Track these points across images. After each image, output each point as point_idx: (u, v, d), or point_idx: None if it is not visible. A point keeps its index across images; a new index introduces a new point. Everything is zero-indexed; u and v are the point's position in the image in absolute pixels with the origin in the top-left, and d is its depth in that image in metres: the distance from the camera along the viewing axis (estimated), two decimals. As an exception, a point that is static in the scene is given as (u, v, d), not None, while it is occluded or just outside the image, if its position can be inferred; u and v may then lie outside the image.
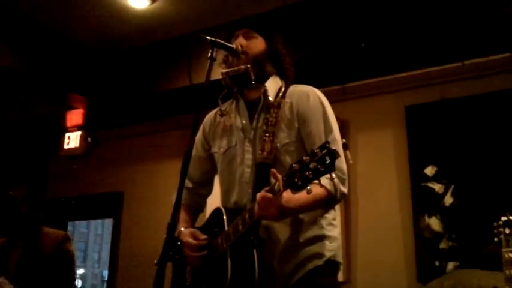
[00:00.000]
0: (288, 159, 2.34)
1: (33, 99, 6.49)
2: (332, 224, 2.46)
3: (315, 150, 1.87)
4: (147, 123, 6.67)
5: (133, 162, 6.86)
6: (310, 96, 2.47)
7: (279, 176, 1.97)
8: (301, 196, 2.03)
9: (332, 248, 2.40)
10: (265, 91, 2.50)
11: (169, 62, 5.76)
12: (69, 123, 6.83)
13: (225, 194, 2.61)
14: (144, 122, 6.67)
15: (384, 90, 5.30)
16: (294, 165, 1.91)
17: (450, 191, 4.82)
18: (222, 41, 2.42)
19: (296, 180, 1.88)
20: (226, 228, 2.35)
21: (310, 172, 1.85)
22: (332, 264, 2.41)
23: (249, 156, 2.49)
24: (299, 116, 2.43)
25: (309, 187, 1.87)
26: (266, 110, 2.48)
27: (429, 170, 4.95)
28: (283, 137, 2.40)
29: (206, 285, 2.41)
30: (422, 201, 4.92)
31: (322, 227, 2.41)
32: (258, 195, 2.05)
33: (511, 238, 3.36)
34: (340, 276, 2.64)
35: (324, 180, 2.05)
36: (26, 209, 4.04)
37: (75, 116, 6.78)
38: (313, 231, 2.39)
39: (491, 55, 4.81)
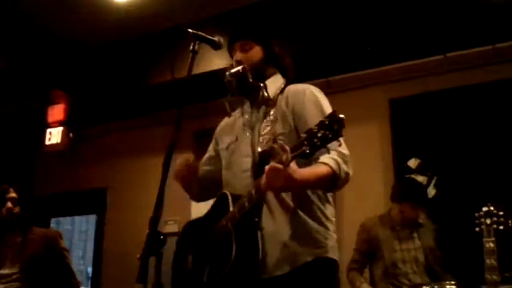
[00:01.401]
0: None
1: (14, 95, 6.42)
2: (329, 219, 2.47)
3: (323, 119, 1.93)
4: (130, 118, 6.63)
5: (116, 158, 6.84)
6: (306, 92, 2.53)
7: (287, 148, 2.02)
8: (307, 169, 2.14)
9: (325, 244, 2.40)
10: (264, 87, 2.58)
11: (153, 57, 5.73)
12: (50, 119, 6.75)
13: (226, 187, 2.66)
14: (127, 118, 6.63)
15: (368, 83, 5.32)
16: (302, 135, 1.98)
17: (433, 182, 4.86)
18: (204, 34, 2.41)
19: (304, 148, 1.94)
20: (231, 209, 2.40)
21: (317, 140, 1.91)
22: (324, 262, 2.40)
23: (247, 148, 2.56)
24: (294, 112, 2.49)
25: (318, 154, 1.97)
26: (265, 104, 2.57)
27: (412, 162, 4.98)
28: (278, 127, 2.46)
29: (209, 268, 2.44)
30: (406, 192, 4.93)
31: (320, 222, 2.42)
32: (267, 167, 2.08)
33: (491, 228, 3.39)
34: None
35: (327, 158, 2.16)
36: (17, 211, 4.04)
37: (56, 112, 6.71)
38: (309, 224, 2.40)
39: (473, 48, 4.84)
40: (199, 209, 6.28)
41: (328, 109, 2.46)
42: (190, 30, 2.37)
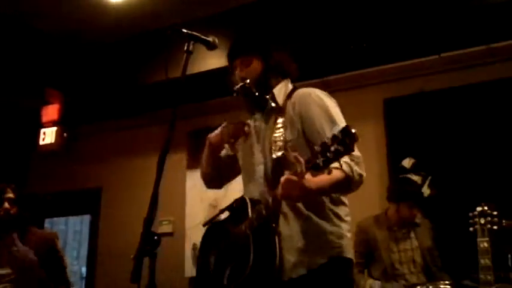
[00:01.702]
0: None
1: (8, 94, 6.39)
2: (344, 219, 2.52)
3: (336, 134, 1.99)
4: (125, 118, 6.62)
5: (111, 158, 6.83)
6: (312, 95, 2.57)
7: (301, 159, 2.09)
8: (321, 178, 2.19)
9: (339, 244, 2.44)
10: (272, 96, 2.63)
11: (147, 56, 5.72)
12: (44, 119, 6.72)
13: (244, 190, 2.77)
14: (121, 117, 6.61)
15: (363, 83, 5.33)
16: (316, 148, 2.06)
17: (427, 182, 4.87)
18: (198, 34, 2.41)
19: (318, 161, 2.03)
20: (250, 215, 2.48)
21: (330, 153, 1.99)
22: (339, 262, 2.44)
23: (259, 155, 2.64)
24: (302, 116, 2.53)
25: (330, 168, 2.04)
26: (275, 112, 2.62)
27: (407, 162, 4.98)
28: (288, 134, 2.51)
29: (229, 271, 2.52)
30: (401, 192, 4.94)
31: (332, 223, 2.47)
32: (282, 178, 2.17)
33: (486, 228, 3.40)
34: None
35: (338, 164, 2.19)
36: (14, 211, 4.02)
37: (50, 111, 6.69)
38: (322, 226, 2.44)
39: (468, 48, 4.84)
40: (194, 209, 6.35)
41: (334, 112, 2.51)
42: (184, 30, 2.37)
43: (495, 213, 3.43)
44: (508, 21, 4.50)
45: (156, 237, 1.99)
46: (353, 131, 1.97)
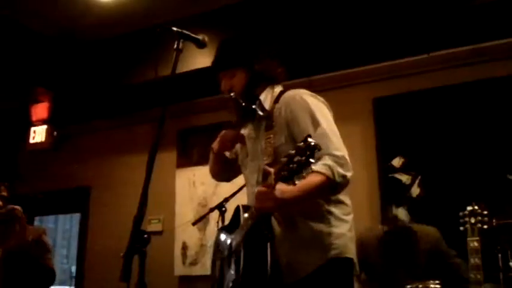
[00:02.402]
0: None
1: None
2: (341, 218, 2.49)
3: (299, 144, 2.01)
4: (114, 117, 6.61)
5: (100, 156, 6.80)
6: (298, 98, 2.57)
7: (271, 170, 2.14)
8: (297, 186, 2.15)
9: (337, 245, 2.43)
10: (259, 103, 2.65)
11: (137, 55, 5.70)
12: (34, 117, 6.72)
13: (246, 196, 2.83)
14: (111, 116, 6.61)
15: (352, 83, 5.33)
16: (282, 159, 2.08)
17: (417, 182, 4.88)
18: (188, 32, 2.41)
19: (283, 172, 2.05)
20: (241, 222, 2.54)
21: (294, 165, 2.00)
22: (337, 263, 2.43)
23: (253, 163, 2.70)
24: (288, 119, 2.54)
25: (296, 180, 2.03)
26: (264, 119, 2.62)
27: (396, 162, 5.00)
28: (277, 139, 2.52)
29: (228, 278, 2.57)
30: (389, 192, 4.97)
31: (328, 223, 2.46)
32: (256, 189, 2.22)
33: (476, 227, 3.41)
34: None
35: (320, 165, 2.22)
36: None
37: (40, 110, 6.68)
38: (317, 228, 2.44)
39: (456, 47, 4.86)
40: (184, 208, 6.34)
41: (318, 113, 2.50)
42: (174, 29, 2.37)
43: (485, 212, 3.44)
44: (496, 21, 4.53)
45: (145, 236, 1.99)
46: (313, 142, 1.97)
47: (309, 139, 1.98)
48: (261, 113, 2.62)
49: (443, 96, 4.92)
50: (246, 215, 2.49)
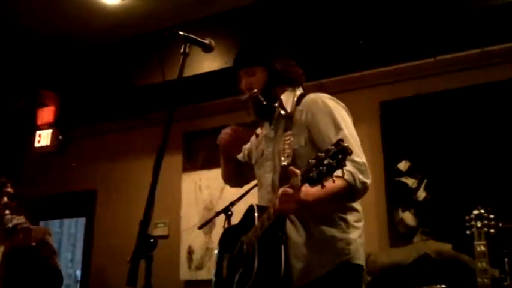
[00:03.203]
0: (299, 163, 2.39)
1: (3, 96, 6.37)
2: (353, 225, 2.50)
3: (330, 147, 2.00)
4: (120, 120, 6.61)
5: (106, 160, 6.80)
6: (319, 102, 2.57)
7: (298, 172, 2.10)
8: (319, 190, 2.13)
9: (348, 250, 2.43)
10: (280, 103, 2.65)
11: (143, 58, 5.71)
12: (40, 121, 6.75)
13: (258, 196, 2.81)
14: (117, 119, 6.61)
15: (359, 86, 5.32)
16: (310, 161, 2.04)
17: (423, 185, 4.87)
18: (195, 36, 2.40)
19: (312, 175, 2.02)
20: (256, 223, 2.50)
21: (324, 167, 1.98)
22: (347, 268, 2.43)
23: (268, 163, 2.68)
24: (309, 122, 2.54)
25: (325, 182, 2.02)
26: (284, 119, 2.63)
27: (402, 165, 4.98)
28: (295, 142, 2.51)
29: (238, 277, 2.56)
30: (396, 195, 4.96)
31: (341, 229, 2.46)
32: (279, 190, 2.18)
33: (482, 231, 3.40)
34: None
35: (340, 172, 2.17)
36: (14, 205, 4.06)
37: (46, 114, 6.70)
38: (330, 233, 2.44)
39: (463, 51, 4.85)
40: (190, 212, 6.33)
41: (340, 118, 2.51)
42: (181, 33, 2.36)
43: (492, 216, 3.43)
44: (503, 24, 4.52)
45: (152, 240, 1.98)
46: (345, 145, 1.98)
47: (341, 142, 1.99)
48: (283, 112, 2.63)
49: (450, 100, 4.91)
50: (261, 215, 2.46)
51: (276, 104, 2.66)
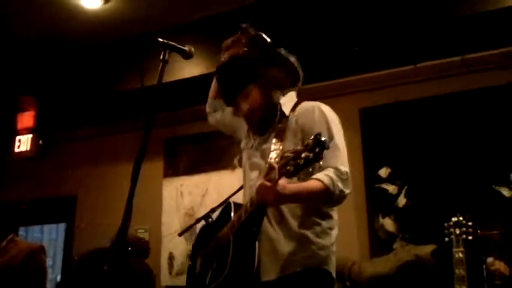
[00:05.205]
0: None
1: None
2: (326, 232, 2.50)
3: (308, 141, 2.02)
4: (101, 125, 6.57)
5: (86, 165, 6.76)
6: (316, 109, 2.61)
7: (275, 165, 2.11)
8: (297, 185, 2.23)
9: (319, 256, 2.44)
10: (280, 107, 2.68)
11: (123, 63, 5.68)
12: (20, 126, 6.68)
13: (243, 194, 2.82)
14: (97, 124, 6.57)
15: (339, 93, 5.33)
16: (288, 155, 2.08)
17: (403, 192, 4.89)
18: (174, 43, 2.40)
19: (289, 168, 2.04)
20: (232, 218, 2.53)
21: (301, 160, 2.01)
22: (316, 272, 2.43)
23: (256, 160, 2.68)
24: (304, 130, 2.55)
25: (302, 176, 2.08)
26: (279, 123, 2.65)
27: (383, 172, 5.01)
28: (288, 144, 2.51)
29: (211, 272, 2.58)
30: (376, 202, 4.98)
31: (314, 233, 2.46)
32: (258, 183, 2.21)
33: (461, 238, 3.43)
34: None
35: (321, 175, 2.26)
36: None
37: (26, 119, 6.64)
38: (304, 235, 2.44)
39: (442, 58, 4.89)
40: (171, 218, 6.30)
41: (334, 128, 2.56)
42: (160, 40, 2.36)
43: (470, 223, 3.46)
44: (483, 32, 4.56)
45: (130, 248, 1.97)
46: (323, 139, 2.00)
47: (319, 136, 2.00)
48: (286, 112, 2.65)
49: (430, 107, 4.94)
50: (238, 210, 2.49)
51: (281, 102, 2.68)
